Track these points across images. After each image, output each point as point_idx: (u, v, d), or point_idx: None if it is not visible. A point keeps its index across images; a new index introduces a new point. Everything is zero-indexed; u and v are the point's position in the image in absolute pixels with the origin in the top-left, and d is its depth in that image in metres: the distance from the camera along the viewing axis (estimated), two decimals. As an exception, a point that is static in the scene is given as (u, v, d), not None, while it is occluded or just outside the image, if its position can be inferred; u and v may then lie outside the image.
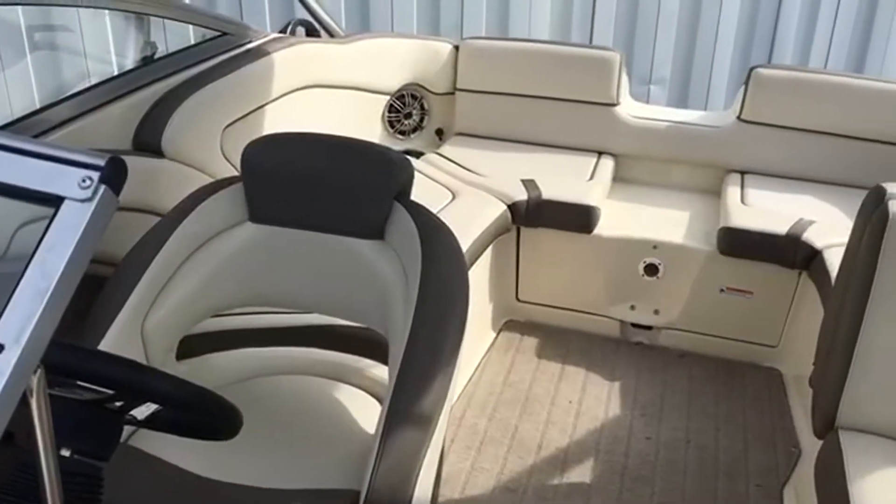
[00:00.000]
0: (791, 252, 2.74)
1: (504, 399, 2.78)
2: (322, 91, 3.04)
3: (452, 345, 1.58)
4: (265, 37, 2.97)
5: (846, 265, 1.97)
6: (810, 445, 2.37)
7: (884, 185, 1.88)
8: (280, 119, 2.79)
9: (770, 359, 3.02)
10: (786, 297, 2.91)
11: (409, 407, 1.48)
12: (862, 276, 1.83)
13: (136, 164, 2.09)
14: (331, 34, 3.34)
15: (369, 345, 2.00)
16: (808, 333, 2.67)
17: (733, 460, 2.53)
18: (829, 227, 2.77)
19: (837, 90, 3.14)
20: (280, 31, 3.20)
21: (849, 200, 3.01)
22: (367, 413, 1.85)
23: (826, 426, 1.93)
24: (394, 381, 1.51)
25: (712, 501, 2.37)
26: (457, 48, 3.54)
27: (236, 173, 1.90)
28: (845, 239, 2.34)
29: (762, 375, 2.96)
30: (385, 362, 1.94)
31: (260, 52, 2.76)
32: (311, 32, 3.29)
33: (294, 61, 2.89)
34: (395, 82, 3.42)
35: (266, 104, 2.75)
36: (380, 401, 1.92)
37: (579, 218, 2.96)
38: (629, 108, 3.43)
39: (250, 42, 2.88)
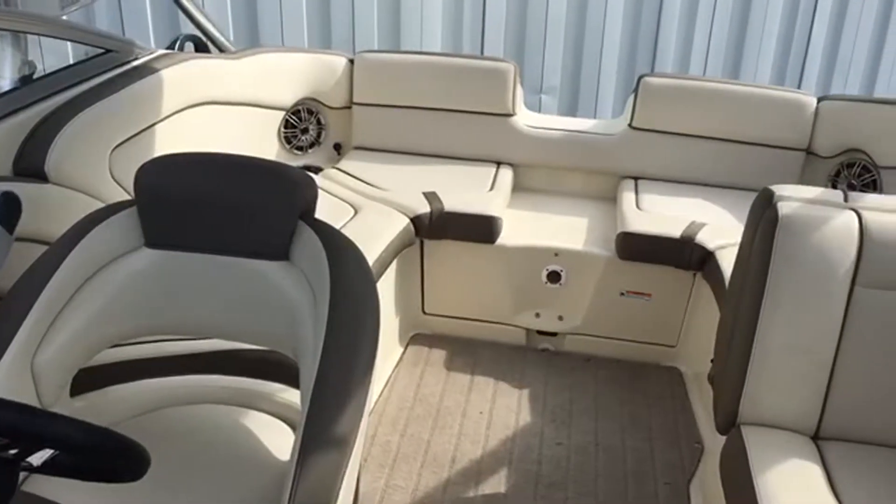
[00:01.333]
0: (686, 254, 2.84)
1: (415, 414, 2.76)
2: (214, 108, 2.95)
3: (365, 364, 1.55)
4: (151, 53, 2.86)
5: (740, 265, 2.04)
6: (713, 441, 2.45)
7: (771, 187, 1.96)
8: (172, 138, 2.69)
9: (670, 358, 3.11)
10: (682, 297, 3.01)
11: (324, 431, 1.44)
12: (756, 276, 1.90)
13: (19, 190, 1.96)
14: (221, 49, 3.25)
15: (277, 368, 1.94)
16: (704, 332, 2.77)
17: (641, 460, 2.59)
18: (720, 229, 2.88)
19: (720, 96, 3.29)
20: (167, 48, 3.09)
21: (736, 202, 3.15)
22: (279, 439, 1.80)
23: (728, 422, 2.00)
24: (307, 405, 1.47)
25: (623, 502, 2.41)
26: (352, 62, 3.51)
27: (128, 197, 1.82)
28: (735, 240, 2.44)
29: (664, 375, 3.05)
30: (295, 385, 1.89)
31: (147, 70, 2.65)
32: (200, 48, 3.19)
33: (184, 78, 2.79)
34: (289, 97, 3.36)
35: (156, 123, 2.64)
36: (292, 426, 1.87)
37: (482, 228, 2.98)
38: (525, 118, 3.49)
39: (136, 59, 2.77)
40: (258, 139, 3.26)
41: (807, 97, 3.28)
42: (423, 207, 2.97)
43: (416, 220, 2.94)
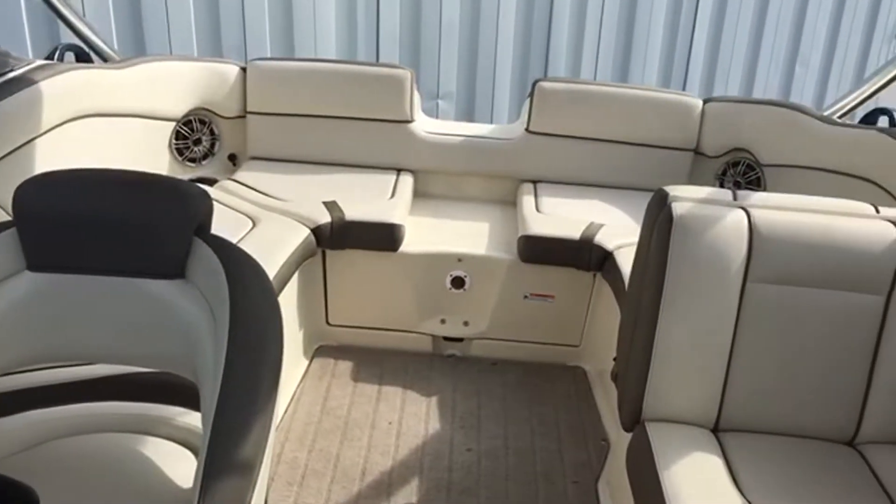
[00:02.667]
0: (585, 255, 2.89)
1: (323, 428, 2.71)
2: (99, 120, 2.82)
3: (270, 381, 1.50)
4: (29, 64, 2.70)
5: (638, 265, 2.09)
6: (618, 438, 2.50)
7: (665, 188, 2.01)
8: (54, 154, 2.55)
9: (574, 358, 3.17)
10: (584, 298, 3.06)
11: (227, 454, 1.38)
12: (654, 275, 1.95)
13: None
14: (104, 58, 3.11)
15: (175, 391, 1.86)
16: (606, 330, 2.83)
17: (550, 461, 2.62)
18: (617, 229, 2.95)
19: (613, 100, 3.37)
20: (46, 58, 2.93)
21: (631, 202, 3.23)
22: (180, 465, 1.72)
23: (633, 419, 2.04)
24: (209, 429, 1.41)
25: (535, 504, 2.43)
26: (244, 70, 3.42)
27: (7, 217, 1.70)
28: (632, 240, 2.50)
29: (569, 375, 3.10)
30: (195, 408, 1.81)
31: (24, 81, 2.50)
32: (82, 58, 3.04)
33: (65, 90, 2.65)
34: (180, 107, 3.24)
35: (35, 138, 2.50)
36: (193, 451, 1.79)
37: (384, 237, 2.95)
38: (423, 125, 3.48)
39: (12, 70, 2.61)
40: (147, 152, 3.13)
41: (693, 99, 3.40)
42: (324, 217, 2.92)
43: (316, 231, 2.88)
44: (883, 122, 2.83)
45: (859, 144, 2.69)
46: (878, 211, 2.00)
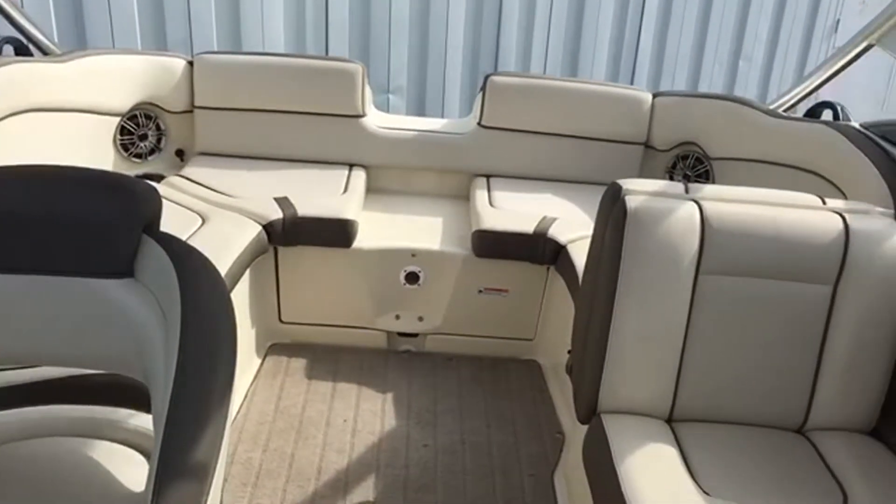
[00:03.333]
0: (539, 249, 2.90)
1: (277, 427, 2.67)
2: (40, 116, 2.73)
3: (223, 381, 1.46)
4: (-36, 57, 2.61)
5: (592, 258, 2.10)
6: (574, 430, 2.51)
7: (619, 181, 2.03)
8: (-8, 150, 2.47)
9: (529, 352, 3.18)
10: (537, 291, 3.07)
11: (181, 456, 1.34)
12: (608, 268, 1.96)
13: None
14: (44, 52, 3.02)
15: (125, 393, 1.81)
16: (560, 324, 2.84)
17: (507, 455, 2.62)
18: (571, 223, 2.96)
19: (564, 94, 3.39)
20: (-18, 51, 2.83)
21: (584, 196, 3.25)
22: (132, 469, 1.67)
23: (589, 412, 2.05)
24: (161, 431, 1.37)
25: (492, 498, 2.43)
26: (191, 64, 3.35)
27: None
28: (585, 233, 2.51)
29: (523, 368, 3.11)
30: (145, 410, 1.77)
31: None
32: (21, 51, 2.94)
33: (4, 84, 2.56)
34: (125, 102, 3.16)
35: None
36: (145, 454, 1.75)
37: (337, 233, 2.92)
38: (375, 119, 3.45)
39: (-54, 63, 2.52)
40: (91, 148, 3.05)
41: (643, 93, 3.44)
42: (276, 213, 2.88)
43: (268, 227, 2.84)
44: (827, 115, 2.90)
45: (805, 137, 2.74)
46: (824, 202, 2.05)
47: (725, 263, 1.94)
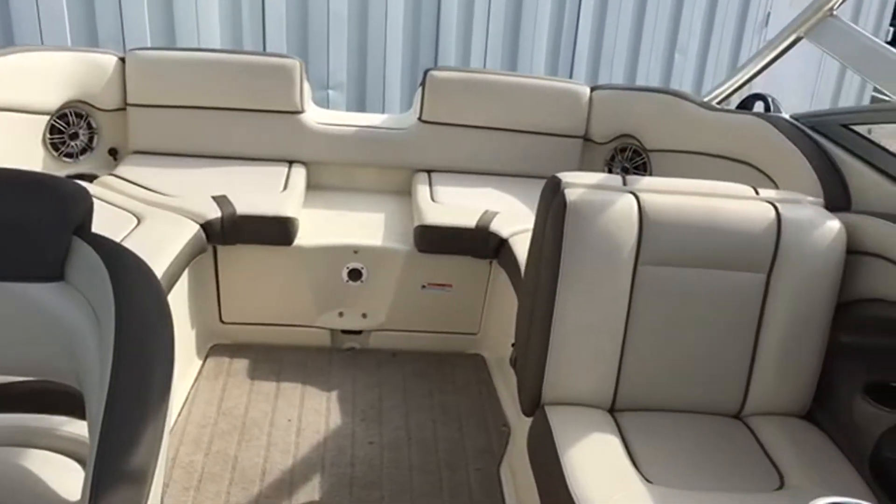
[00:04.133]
0: (481, 243, 2.91)
1: (219, 429, 2.62)
2: None
3: (161, 384, 1.43)
4: None
5: (534, 251, 2.11)
6: (519, 422, 2.53)
7: (558, 175, 2.04)
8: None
9: (473, 346, 3.19)
10: (481, 285, 3.08)
11: (118, 463, 1.31)
12: (549, 261, 1.97)
13: None
14: (-32, 49, 2.91)
15: (57, 400, 1.76)
16: (503, 317, 2.86)
17: (453, 449, 2.62)
18: (512, 217, 2.98)
19: (504, 88, 3.40)
20: None
21: (525, 190, 3.27)
22: (66, 478, 1.62)
23: (533, 404, 2.06)
24: (97, 437, 1.33)
25: (439, 493, 2.43)
26: (123, 60, 3.26)
27: None
28: (527, 226, 2.52)
29: (468, 363, 3.12)
30: (79, 416, 1.72)
31: None
32: (-58, 48, 2.83)
33: None
34: (54, 100, 3.07)
35: None
36: (79, 461, 1.70)
37: (278, 230, 2.88)
38: (315, 115, 3.42)
39: None
40: (19, 148, 2.95)
41: (581, 87, 3.47)
42: (214, 212, 2.83)
43: (206, 226, 2.79)
44: (759, 107, 2.96)
45: (738, 129, 2.80)
46: (757, 192, 2.09)
47: (663, 254, 1.97)
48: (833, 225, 2.01)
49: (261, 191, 3.05)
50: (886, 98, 2.67)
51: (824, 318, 2.03)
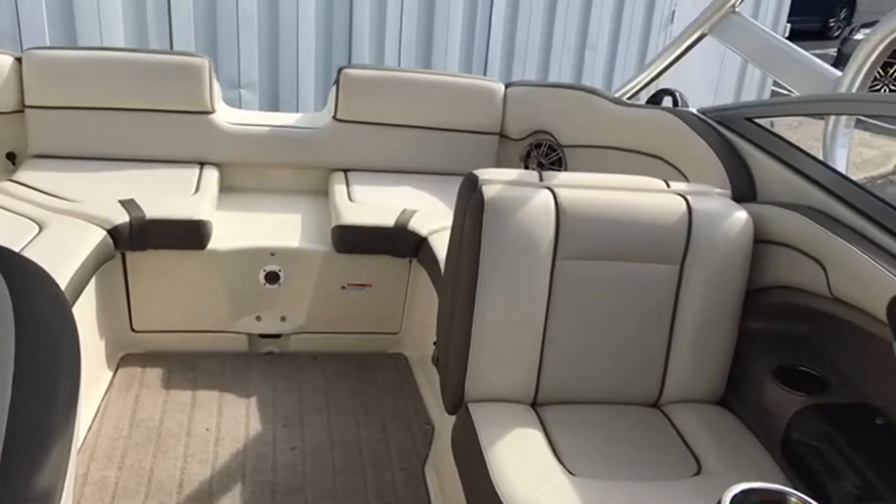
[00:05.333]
0: (401, 242, 2.89)
1: (133, 442, 2.53)
2: None
3: (66, 401, 1.37)
4: None
5: (453, 249, 2.11)
6: (442, 421, 2.53)
7: (475, 172, 2.04)
8: None
9: (395, 345, 3.17)
10: (401, 284, 3.06)
11: (23, 485, 1.24)
12: (469, 258, 1.97)
13: None
14: None
15: None
16: (424, 315, 2.85)
17: (376, 451, 2.60)
18: (431, 215, 2.97)
19: (418, 86, 3.39)
20: None
21: (442, 187, 3.27)
22: None
23: (456, 402, 2.06)
24: None
25: (363, 495, 2.41)
26: (19, 60, 3.11)
27: None
28: (445, 224, 2.52)
29: (390, 362, 3.10)
30: None
31: None
32: None
33: None
34: None
35: None
36: None
37: (190, 234, 2.80)
38: (226, 115, 3.33)
39: None
40: None
41: (496, 84, 3.49)
42: (121, 217, 2.72)
43: (113, 232, 2.68)
44: (667, 102, 3.04)
45: (648, 124, 2.86)
46: (668, 186, 2.14)
47: (580, 248, 2.00)
48: (741, 216, 2.08)
49: (171, 194, 2.96)
50: (785, 92, 2.78)
51: (735, 307, 2.10)
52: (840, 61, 7.86)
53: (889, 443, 1.81)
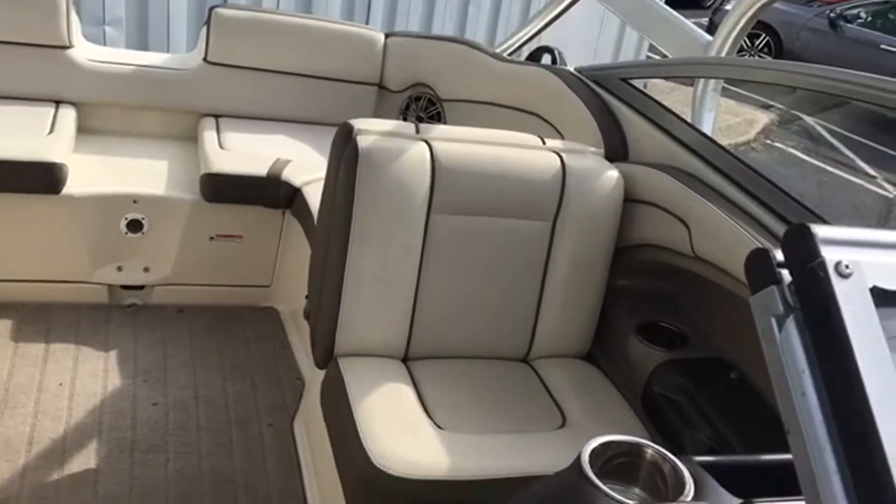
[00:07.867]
0: (273, 192, 2.80)
1: (-23, 399, 2.36)
2: None
3: None
4: None
5: (326, 201, 2.05)
6: (312, 375, 2.48)
7: (350, 121, 1.98)
8: None
9: (266, 299, 3.08)
10: (273, 236, 2.97)
11: None
12: (342, 210, 1.92)
13: None
14: None
15: None
16: (297, 269, 2.78)
17: (244, 406, 2.53)
18: (305, 166, 2.88)
19: (295, 30, 3.26)
20: None
21: (318, 137, 3.18)
22: None
23: (326, 356, 2.03)
24: None
25: (229, 452, 2.34)
26: None
27: None
28: (320, 175, 2.45)
29: (260, 316, 3.01)
30: None
31: None
32: None
33: None
34: None
35: None
36: None
37: (43, 178, 2.60)
38: (85, 52, 3.10)
39: None
40: None
41: (376, 33, 3.40)
42: None
43: None
44: (546, 59, 3.05)
45: (526, 80, 2.86)
46: (544, 142, 2.15)
47: (454, 202, 1.98)
48: (612, 174, 2.11)
49: (21, 134, 2.74)
50: (660, 55, 2.84)
51: (603, 264, 2.14)
52: (711, 30, 8.17)
53: (741, 396, 1.90)
